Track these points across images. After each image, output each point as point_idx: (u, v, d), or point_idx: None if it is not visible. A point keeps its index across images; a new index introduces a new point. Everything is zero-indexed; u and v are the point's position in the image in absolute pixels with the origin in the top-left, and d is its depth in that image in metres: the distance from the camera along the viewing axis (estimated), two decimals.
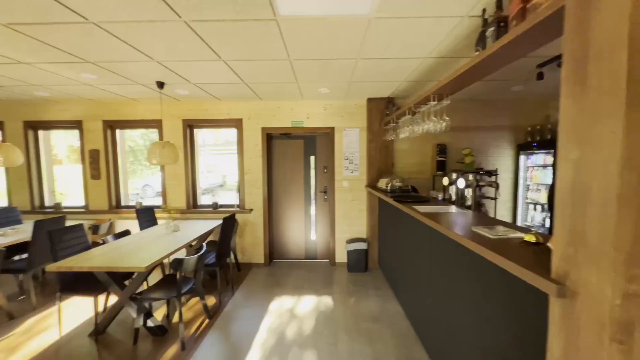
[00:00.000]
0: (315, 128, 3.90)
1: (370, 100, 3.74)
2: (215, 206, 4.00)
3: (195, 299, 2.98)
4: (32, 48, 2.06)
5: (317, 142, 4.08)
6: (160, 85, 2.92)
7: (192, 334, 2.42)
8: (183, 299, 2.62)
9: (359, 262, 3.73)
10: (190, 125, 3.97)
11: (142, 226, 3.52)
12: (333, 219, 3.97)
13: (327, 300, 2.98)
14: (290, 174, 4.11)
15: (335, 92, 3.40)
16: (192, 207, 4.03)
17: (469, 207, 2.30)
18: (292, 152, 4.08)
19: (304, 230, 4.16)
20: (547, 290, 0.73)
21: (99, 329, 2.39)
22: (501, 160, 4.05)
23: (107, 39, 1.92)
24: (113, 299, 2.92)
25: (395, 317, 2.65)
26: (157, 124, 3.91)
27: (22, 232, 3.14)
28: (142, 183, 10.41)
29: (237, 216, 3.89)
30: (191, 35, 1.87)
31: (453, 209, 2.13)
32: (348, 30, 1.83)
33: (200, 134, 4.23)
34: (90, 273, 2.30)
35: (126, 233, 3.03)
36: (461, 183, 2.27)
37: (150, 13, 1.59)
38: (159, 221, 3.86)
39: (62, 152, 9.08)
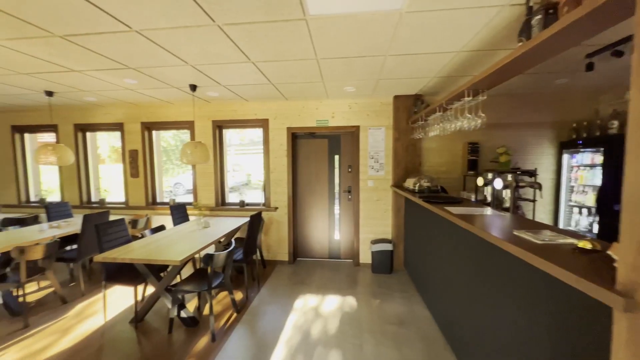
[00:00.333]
0: (339, 127, 3.88)
1: (397, 97, 3.65)
2: (242, 204, 4.13)
3: (224, 293, 3.10)
4: (83, 57, 2.25)
5: (341, 141, 4.06)
6: (193, 88, 3.07)
7: (221, 326, 2.51)
8: (213, 292, 2.73)
9: (383, 263, 3.66)
10: (219, 126, 4.13)
11: (175, 222, 3.72)
12: (357, 219, 3.93)
13: (351, 301, 2.95)
14: (315, 173, 4.12)
15: (361, 90, 3.36)
16: (221, 204, 4.19)
17: (506, 209, 2.15)
18: (316, 151, 4.10)
19: (327, 229, 4.16)
20: (611, 304, 0.65)
21: (139, 317, 2.57)
22: (541, 159, 3.76)
23: (147, 46, 2.04)
24: (150, 289, 3.12)
25: (423, 321, 2.56)
26: (189, 125, 4.12)
27: (73, 225, 3.45)
28: (173, 181, 11.03)
29: (263, 214, 3.98)
30: (223, 39, 1.94)
31: (489, 211, 2.01)
32: (377, 27, 1.79)
33: (227, 134, 4.39)
34: (131, 264, 2.48)
35: (161, 228, 3.22)
36: (498, 184, 2.13)
37: (187, 19, 1.67)
38: (190, 217, 4.06)
39: (105, 152, 9.87)
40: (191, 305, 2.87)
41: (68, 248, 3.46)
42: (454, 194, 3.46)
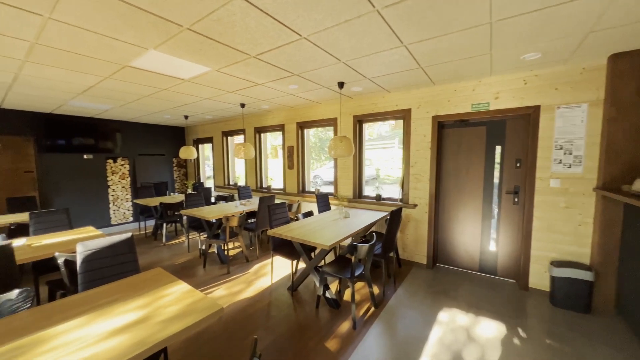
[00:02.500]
0: (505, 110, 3.04)
1: (617, 57, 2.42)
2: (378, 198, 4.09)
3: (361, 284, 3.16)
4: (265, 71, 2.81)
5: (506, 128, 3.19)
6: (341, 85, 3.25)
7: (360, 316, 2.56)
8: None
9: (574, 296, 2.60)
10: (359, 120, 4.23)
11: (320, 209, 4.16)
12: (528, 229, 2.99)
13: (519, 334, 2.27)
14: (465, 168, 3.47)
15: (551, 55, 2.45)
16: (358, 196, 4.32)
17: None
18: (469, 142, 3.43)
19: (479, 236, 3.42)
20: None
21: (294, 286, 3.04)
22: None
23: (310, 50, 2.28)
24: (302, 265, 3.65)
25: None
26: (333, 121, 4.47)
27: (252, 204, 4.56)
28: (313, 174, 12.68)
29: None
30: (379, 25, 1.86)
31: None
32: None
33: (365, 129, 4.44)
34: (290, 241, 2.95)
35: (310, 214, 3.67)
36: None
37: (350, 11, 1.69)
38: (331, 206, 4.44)
39: (267, 149, 12.62)
40: (332, 288, 3.11)
41: (250, 221, 4.61)
42: None
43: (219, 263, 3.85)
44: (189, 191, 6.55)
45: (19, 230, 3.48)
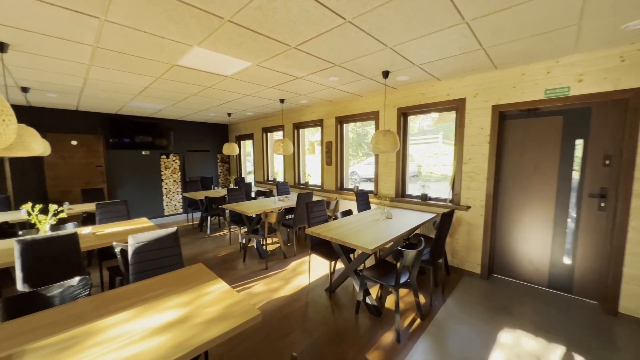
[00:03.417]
0: (592, 95, 2.49)
1: None
2: (424, 198, 3.74)
3: (405, 291, 2.91)
4: (305, 63, 2.69)
5: (591, 118, 2.62)
6: (385, 74, 2.99)
7: (405, 327, 2.33)
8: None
9: None
10: (404, 113, 3.91)
11: (359, 208, 3.96)
12: (620, 241, 2.43)
13: None
14: (533, 166, 2.97)
15: None
16: (401, 195, 4.02)
17: None
18: (538, 134, 2.91)
19: (549, 246, 2.91)
20: None
21: (332, 288, 2.92)
22: None
23: (354, 36, 2.09)
24: (340, 265, 3.51)
25: None
26: (374, 115, 4.21)
27: (290, 200, 4.54)
28: (349, 170, 12.41)
29: None
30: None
31: None
32: None
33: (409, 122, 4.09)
34: (328, 240, 2.82)
35: (349, 213, 3.50)
36: None
37: None
38: (371, 205, 4.21)
39: (305, 145, 12.67)
40: (372, 293, 2.91)
41: (288, 217, 4.60)
42: None
43: (257, 258, 3.90)
44: (231, 186, 6.84)
45: (89, 218, 3.92)
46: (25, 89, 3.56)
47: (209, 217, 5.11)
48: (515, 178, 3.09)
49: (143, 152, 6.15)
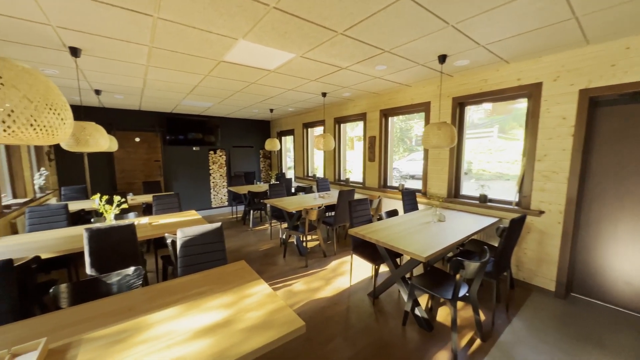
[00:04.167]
0: None
1: None
2: (482, 199, 3.29)
3: (460, 304, 2.58)
4: (351, 50, 2.50)
5: None
6: (442, 59, 2.64)
7: (462, 348, 2.04)
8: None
9: None
10: (460, 103, 3.47)
11: (406, 208, 3.66)
12: None
13: None
14: (635, 165, 2.37)
15: None
16: (454, 196, 3.61)
17: None
18: None
19: None
20: None
21: (376, 293, 2.72)
22: None
23: (410, 13, 1.84)
24: (384, 267, 3.28)
25: None
26: (424, 106, 3.83)
27: (330, 197, 4.40)
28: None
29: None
30: None
31: None
32: None
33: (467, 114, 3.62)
34: (371, 242, 2.62)
35: (395, 213, 3.23)
36: None
37: None
38: (419, 205, 3.86)
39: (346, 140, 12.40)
40: (421, 301, 2.64)
41: (328, 214, 4.48)
42: None
43: (297, 254, 3.87)
44: (273, 181, 6.98)
45: (147, 208, 4.29)
46: (97, 92, 3.98)
47: (251, 211, 5.25)
48: (609, 179, 2.51)
49: (194, 148, 6.58)
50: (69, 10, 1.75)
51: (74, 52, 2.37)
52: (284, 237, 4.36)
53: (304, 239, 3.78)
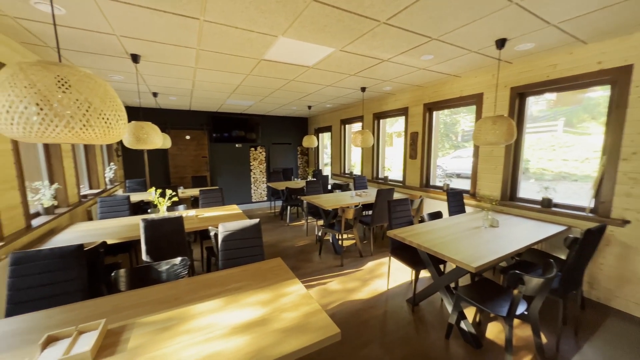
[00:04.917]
0: None
1: None
2: (546, 203, 2.87)
3: (516, 321, 2.29)
4: (394, 40, 2.34)
5: None
6: (501, 43, 2.33)
7: None
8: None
9: None
10: (521, 94, 3.05)
11: (451, 210, 3.37)
12: None
13: None
14: None
15: None
16: (509, 198, 3.21)
17: None
18: None
19: None
20: None
21: (416, 300, 2.55)
22: None
23: None
24: (423, 274, 3.08)
25: None
26: (476, 98, 3.46)
27: (368, 195, 4.26)
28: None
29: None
30: None
31: None
32: None
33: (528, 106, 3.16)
34: (411, 245, 2.45)
35: (439, 215, 2.99)
36: None
37: None
38: (466, 208, 3.53)
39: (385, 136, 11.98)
40: (468, 314, 2.40)
41: (365, 213, 4.36)
42: None
43: (333, 252, 3.83)
44: (309, 178, 7.03)
45: (195, 201, 4.63)
46: (155, 94, 4.39)
47: (288, 207, 5.36)
48: None
49: (237, 145, 6.93)
50: (128, 19, 1.91)
51: (135, 58, 2.61)
52: (319, 234, 4.36)
53: (340, 238, 3.72)
